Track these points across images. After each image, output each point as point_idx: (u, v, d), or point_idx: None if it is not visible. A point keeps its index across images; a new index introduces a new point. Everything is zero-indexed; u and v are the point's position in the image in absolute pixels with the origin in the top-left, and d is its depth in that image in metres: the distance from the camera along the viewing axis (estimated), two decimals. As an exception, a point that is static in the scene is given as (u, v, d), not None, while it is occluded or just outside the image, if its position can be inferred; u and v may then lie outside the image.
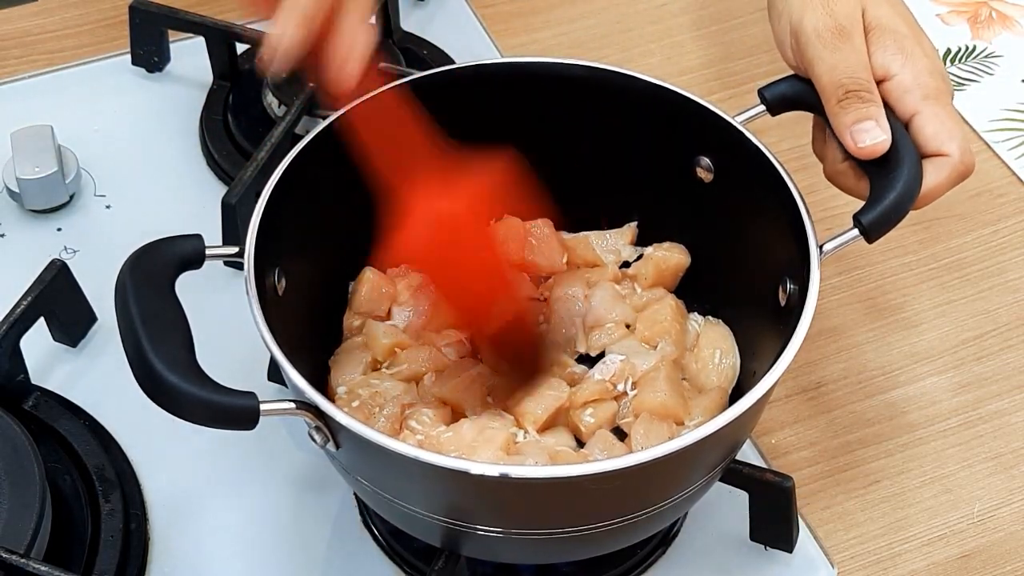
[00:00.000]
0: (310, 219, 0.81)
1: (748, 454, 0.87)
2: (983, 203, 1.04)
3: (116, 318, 0.69)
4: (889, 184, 0.76)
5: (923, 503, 0.86)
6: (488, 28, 1.16)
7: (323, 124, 0.80)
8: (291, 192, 0.78)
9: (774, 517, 0.81)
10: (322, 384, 0.82)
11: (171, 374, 0.65)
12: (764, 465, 0.86)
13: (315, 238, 0.82)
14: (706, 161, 0.84)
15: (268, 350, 0.70)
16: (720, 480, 0.79)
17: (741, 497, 0.81)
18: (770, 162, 0.79)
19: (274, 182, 0.77)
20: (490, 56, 1.12)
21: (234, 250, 0.74)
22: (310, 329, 0.82)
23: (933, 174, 0.78)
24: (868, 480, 0.87)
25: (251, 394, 0.67)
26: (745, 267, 0.83)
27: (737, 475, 0.79)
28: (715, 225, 0.85)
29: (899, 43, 0.80)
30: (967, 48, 1.16)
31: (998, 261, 1.00)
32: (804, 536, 0.84)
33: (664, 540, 0.83)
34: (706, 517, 0.84)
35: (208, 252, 0.74)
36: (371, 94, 0.76)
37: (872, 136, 0.77)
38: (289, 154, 0.79)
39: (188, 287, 0.74)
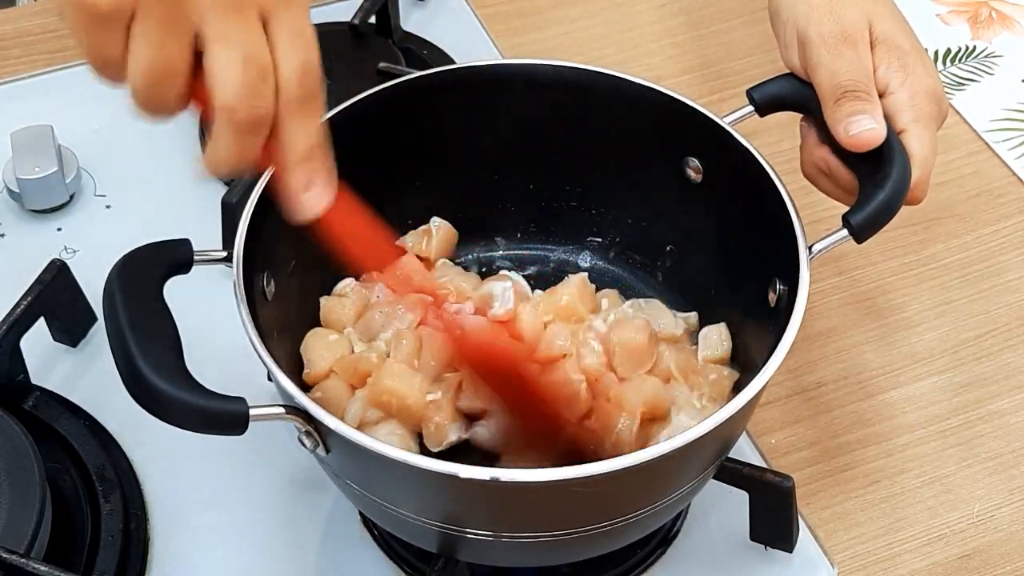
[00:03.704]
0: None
1: (748, 454, 0.87)
2: (983, 203, 1.04)
3: (104, 323, 0.69)
4: (878, 185, 0.76)
5: (923, 503, 0.86)
6: (488, 28, 1.16)
7: None
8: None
9: (774, 517, 0.81)
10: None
11: (160, 379, 0.65)
12: (764, 465, 0.86)
13: (304, 241, 0.82)
14: (695, 162, 0.84)
15: (257, 355, 0.70)
16: (720, 480, 0.79)
17: (741, 497, 0.81)
18: (759, 162, 0.79)
19: (262, 185, 0.77)
20: (490, 56, 1.12)
21: (223, 254, 0.74)
22: (301, 333, 0.82)
23: None
24: (868, 480, 0.87)
25: (240, 399, 0.66)
26: (736, 267, 0.83)
27: (737, 475, 0.79)
28: (705, 225, 0.85)
29: (902, 60, 0.81)
30: (967, 48, 1.16)
31: (998, 261, 1.00)
32: (804, 536, 0.84)
33: (664, 540, 0.83)
34: (706, 517, 0.84)
35: (196, 257, 0.73)
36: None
37: (864, 125, 0.78)
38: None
39: (187, 288, 0.74)
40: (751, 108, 0.83)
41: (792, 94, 0.83)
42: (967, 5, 1.20)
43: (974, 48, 1.16)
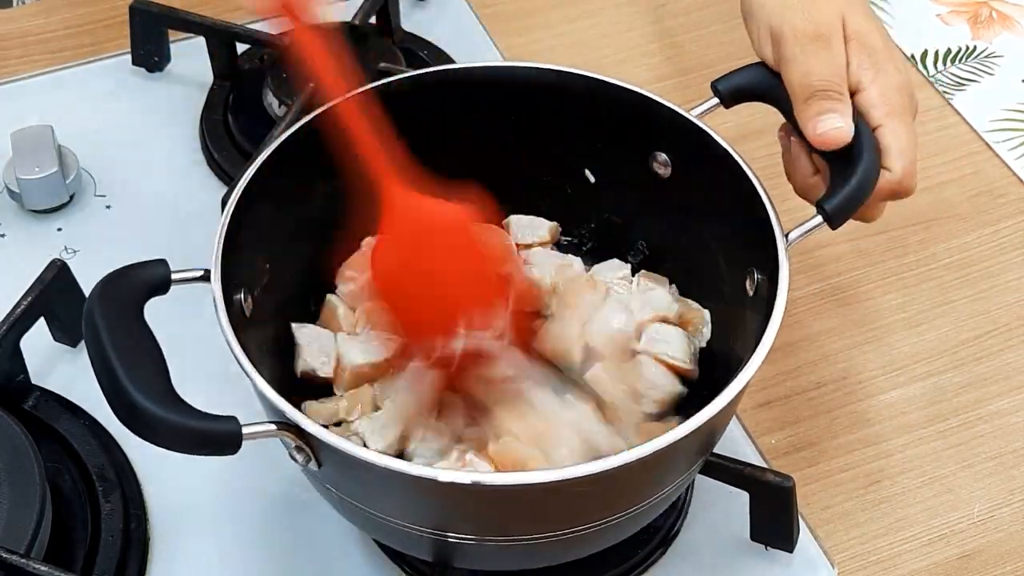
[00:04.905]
0: (273, 237, 0.80)
1: (748, 454, 0.87)
2: (983, 203, 1.04)
3: (87, 348, 0.68)
4: (849, 171, 0.78)
5: (923, 503, 0.86)
6: (488, 28, 1.16)
7: (276, 143, 0.80)
8: (252, 211, 0.78)
9: (774, 517, 0.81)
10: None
11: (149, 402, 0.64)
12: (764, 465, 0.86)
13: (280, 256, 0.82)
14: (663, 157, 0.85)
15: (245, 373, 0.69)
16: (720, 480, 0.79)
17: (741, 497, 0.81)
18: (728, 153, 0.79)
19: (234, 202, 0.77)
20: (490, 56, 1.12)
21: (200, 273, 0.73)
22: (279, 347, 0.82)
23: None
24: (868, 480, 0.87)
25: (232, 419, 0.66)
26: (711, 259, 0.84)
27: (737, 475, 0.80)
28: (677, 219, 0.86)
29: (872, 58, 0.82)
30: (967, 48, 1.16)
31: (998, 261, 1.00)
32: (804, 536, 0.83)
33: (664, 540, 0.83)
34: (706, 517, 0.84)
35: (174, 277, 0.72)
36: (351, 94, 0.76)
37: (832, 123, 0.79)
38: (246, 174, 0.79)
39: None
40: (716, 100, 0.84)
41: (758, 85, 0.84)
42: (967, 5, 1.20)
43: (974, 48, 1.16)
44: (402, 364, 0.83)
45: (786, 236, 0.75)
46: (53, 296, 0.89)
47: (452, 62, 1.10)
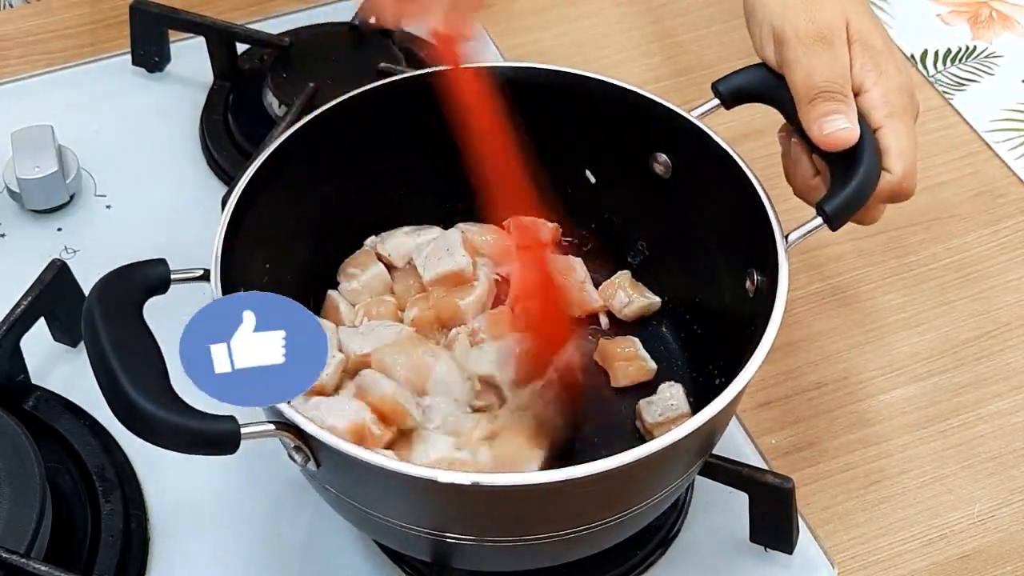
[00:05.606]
0: (273, 237, 0.81)
1: (748, 455, 0.87)
2: (983, 203, 1.04)
3: (86, 348, 0.68)
4: (850, 173, 0.78)
5: (923, 503, 0.86)
6: (488, 28, 1.16)
7: (276, 143, 0.80)
8: (252, 211, 0.78)
9: (774, 519, 0.81)
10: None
11: (148, 402, 0.64)
12: (764, 466, 0.86)
13: (279, 255, 0.82)
14: (663, 157, 0.85)
15: None
16: (720, 482, 0.79)
17: (741, 498, 0.81)
18: (728, 154, 0.80)
19: (234, 202, 0.77)
20: (490, 56, 1.12)
21: (199, 273, 0.73)
22: None
23: None
24: (868, 480, 0.87)
25: (231, 418, 0.66)
26: (711, 260, 0.84)
27: (737, 477, 0.79)
28: (677, 219, 0.86)
29: (875, 59, 0.82)
30: (967, 48, 1.16)
31: (998, 261, 1.00)
32: (804, 536, 0.83)
33: (664, 540, 0.83)
34: (706, 518, 0.84)
35: (174, 276, 0.72)
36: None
37: (838, 124, 0.79)
38: (246, 174, 0.79)
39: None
40: (716, 101, 0.84)
41: (759, 86, 0.84)
42: (967, 5, 1.20)
43: (974, 48, 1.16)
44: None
45: (786, 237, 0.75)
46: (53, 296, 0.89)
47: (452, 62, 1.10)
